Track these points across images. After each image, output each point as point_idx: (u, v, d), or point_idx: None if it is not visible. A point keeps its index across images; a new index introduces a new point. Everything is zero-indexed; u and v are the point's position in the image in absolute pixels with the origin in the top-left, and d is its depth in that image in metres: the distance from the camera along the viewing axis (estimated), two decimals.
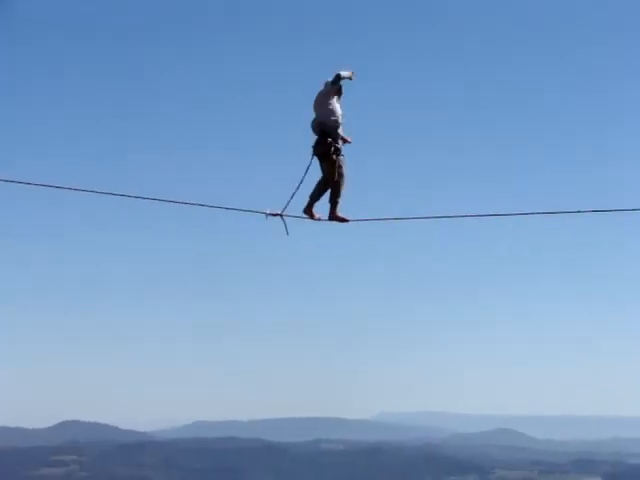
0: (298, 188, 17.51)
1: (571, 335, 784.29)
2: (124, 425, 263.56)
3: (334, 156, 17.51)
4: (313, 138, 17.73)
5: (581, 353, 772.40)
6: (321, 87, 17.68)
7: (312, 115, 17.85)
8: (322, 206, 18.11)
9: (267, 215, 17.43)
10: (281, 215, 17.49)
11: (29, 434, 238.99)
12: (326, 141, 17.45)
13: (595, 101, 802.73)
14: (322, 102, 17.59)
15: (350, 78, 17.42)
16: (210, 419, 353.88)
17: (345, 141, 17.98)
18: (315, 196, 17.92)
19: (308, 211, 17.94)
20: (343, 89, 17.68)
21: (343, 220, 18.00)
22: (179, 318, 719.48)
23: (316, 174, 17.88)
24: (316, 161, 17.72)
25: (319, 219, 18.03)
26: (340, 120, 17.62)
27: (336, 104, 17.64)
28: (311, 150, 17.65)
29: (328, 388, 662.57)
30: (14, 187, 16.96)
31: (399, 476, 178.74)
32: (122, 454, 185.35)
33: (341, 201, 17.97)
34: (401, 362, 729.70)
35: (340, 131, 17.64)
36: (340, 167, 17.70)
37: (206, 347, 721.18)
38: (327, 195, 18.07)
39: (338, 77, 17.39)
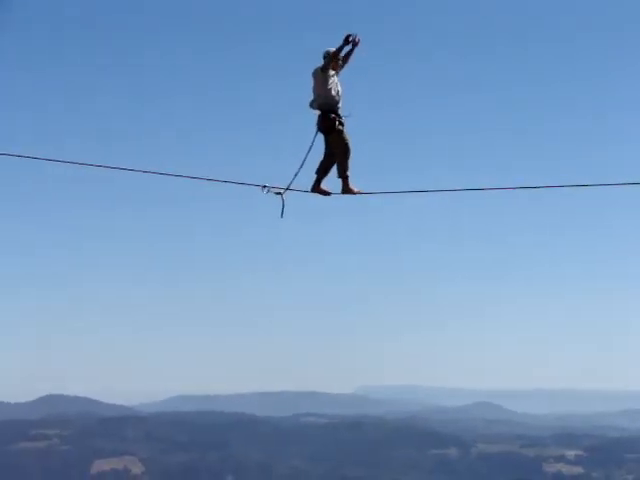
0: (302, 165, 17.36)
1: (548, 310, 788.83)
2: (107, 399, 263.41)
3: (340, 127, 17.42)
4: (312, 114, 17.56)
5: (558, 327, 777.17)
6: (321, 60, 17.31)
7: (310, 90, 17.62)
8: (330, 181, 18.02)
9: (266, 189, 17.15)
10: (281, 194, 17.19)
11: (11, 408, 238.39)
12: (329, 116, 17.37)
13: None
14: (320, 78, 17.38)
15: (347, 43, 16.85)
16: (193, 393, 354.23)
17: (355, 44, 17.43)
18: (322, 172, 17.87)
19: (317, 189, 17.87)
20: (341, 56, 17.31)
21: (326, 193, 17.93)
22: (161, 293, 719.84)
23: (319, 151, 17.73)
24: (320, 137, 17.58)
25: (330, 193, 17.92)
26: (339, 95, 17.48)
27: (334, 78, 17.42)
28: (315, 127, 17.49)
29: (308, 362, 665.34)
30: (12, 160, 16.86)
31: (382, 449, 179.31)
32: (104, 428, 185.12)
33: (326, 177, 17.89)
34: (379, 336, 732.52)
35: (340, 105, 17.48)
36: (342, 140, 17.57)
37: (189, 321, 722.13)
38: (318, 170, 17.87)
39: (333, 56, 17.16)
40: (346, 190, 17.81)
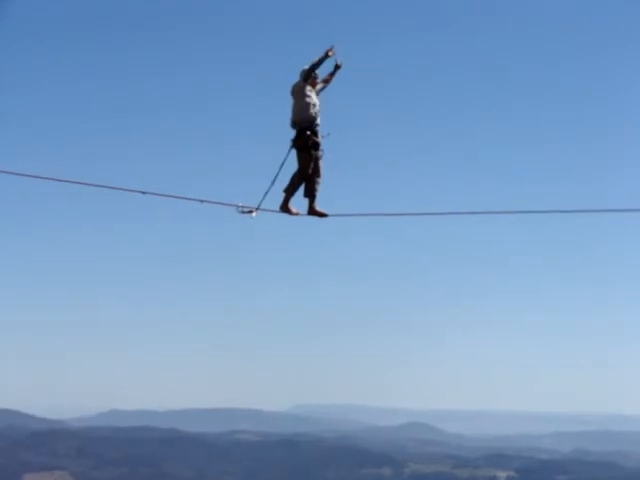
0: (274, 182, 17.35)
1: (481, 332, 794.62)
2: (38, 412, 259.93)
3: (312, 150, 17.42)
4: (291, 132, 17.57)
5: (491, 350, 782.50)
6: (297, 78, 17.45)
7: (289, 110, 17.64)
8: (299, 201, 18.04)
9: (240, 208, 17.21)
10: (252, 212, 17.24)
11: None
12: (305, 134, 17.35)
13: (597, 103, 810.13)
14: (298, 94, 17.41)
15: (327, 56, 17.02)
16: (125, 408, 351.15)
17: (337, 67, 17.62)
18: (290, 191, 17.72)
19: (285, 207, 17.73)
20: (317, 73, 17.46)
21: (322, 215, 17.87)
22: (94, 308, 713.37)
23: (292, 168, 17.76)
24: (293, 154, 17.57)
25: (297, 214, 17.88)
26: (317, 112, 17.48)
27: (312, 95, 17.45)
28: (290, 143, 17.50)
29: (243, 380, 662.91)
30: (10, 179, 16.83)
31: (314, 468, 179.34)
32: (35, 441, 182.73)
33: (318, 195, 17.89)
34: (315, 355, 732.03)
35: (318, 122, 17.48)
36: (317, 161, 17.59)
37: (122, 335, 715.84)
38: (302, 190, 17.85)
39: (311, 70, 17.27)
40: (312, 211, 17.87)
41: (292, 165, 17.74)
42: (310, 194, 17.86)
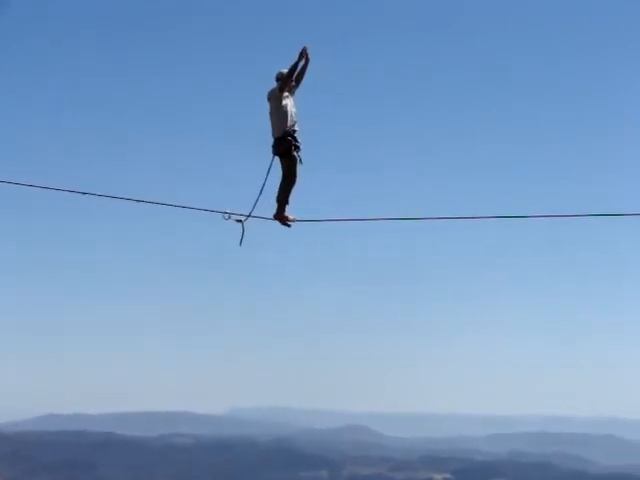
0: (262, 191, 17.17)
1: (416, 335, 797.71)
2: None
3: (295, 153, 17.33)
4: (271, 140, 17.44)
5: (425, 351, 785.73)
6: (274, 83, 17.35)
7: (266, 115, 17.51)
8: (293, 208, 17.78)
9: (227, 215, 17.02)
10: (242, 221, 17.09)
11: None
12: (286, 139, 17.26)
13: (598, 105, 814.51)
14: (275, 100, 17.30)
15: (301, 58, 16.92)
16: (60, 412, 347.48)
17: (306, 62, 17.31)
18: (283, 198, 17.57)
19: (280, 216, 17.59)
20: (293, 78, 17.26)
21: (291, 221, 17.63)
22: (35, 310, 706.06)
23: (277, 176, 17.60)
24: (277, 162, 17.43)
25: (294, 221, 17.66)
26: (295, 117, 17.41)
27: (288, 101, 17.34)
28: (271, 150, 17.37)
29: (179, 382, 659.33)
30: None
31: (251, 471, 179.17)
32: None
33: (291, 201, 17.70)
34: (251, 356, 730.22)
35: (297, 128, 17.39)
36: (292, 167, 17.43)
37: (56, 339, 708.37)
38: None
39: (289, 75, 17.11)
40: (279, 217, 17.60)
41: (279, 172, 17.57)
42: (282, 198, 17.61)
